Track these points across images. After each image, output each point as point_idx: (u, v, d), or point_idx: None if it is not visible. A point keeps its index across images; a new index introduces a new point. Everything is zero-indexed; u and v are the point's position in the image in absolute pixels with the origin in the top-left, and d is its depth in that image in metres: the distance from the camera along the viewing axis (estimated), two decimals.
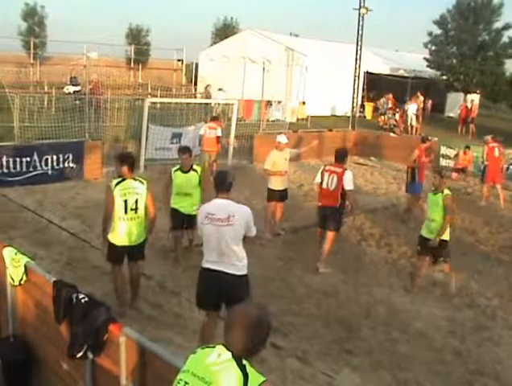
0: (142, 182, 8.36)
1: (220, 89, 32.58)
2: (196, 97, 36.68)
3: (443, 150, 22.91)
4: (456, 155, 21.58)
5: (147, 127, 18.51)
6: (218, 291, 6.73)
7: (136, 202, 8.18)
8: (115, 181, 8.22)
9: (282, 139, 12.58)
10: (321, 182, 11.00)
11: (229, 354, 3.36)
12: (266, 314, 3.56)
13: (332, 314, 9.10)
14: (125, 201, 8.11)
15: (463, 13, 39.54)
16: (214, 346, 3.46)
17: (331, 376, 7.18)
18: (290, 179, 15.35)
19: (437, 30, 40.66)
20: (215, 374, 3.30)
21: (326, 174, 10.87)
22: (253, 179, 16.58)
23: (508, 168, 20.80)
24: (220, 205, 6.70)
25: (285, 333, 8.12)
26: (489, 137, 18.49)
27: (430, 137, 15.31)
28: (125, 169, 8.25)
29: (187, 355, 3.57)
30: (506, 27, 39.03)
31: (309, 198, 16.65)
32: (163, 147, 19.27)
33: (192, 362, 3.49)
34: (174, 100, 30.39)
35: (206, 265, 6.87)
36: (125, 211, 8.12)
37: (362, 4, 29.61)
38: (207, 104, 26.27)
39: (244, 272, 6.78)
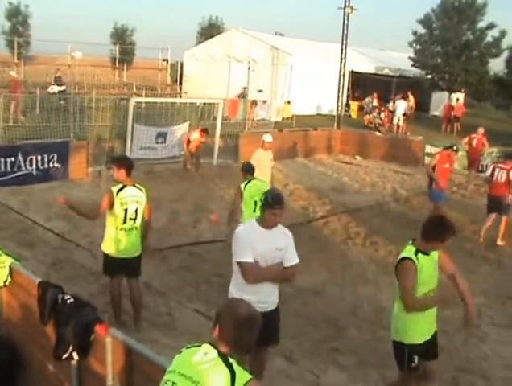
0: (141, 190, 7.84)
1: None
2: (180, 97, 36.62)
3: (428, 149, 23.01)
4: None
5: (132, 127, 18.45)
6: None
7: (136, 211, 7.71)
8: (116, 188, 7.68)
9: (266, 138, 12.63)
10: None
11: (216, 352, 3.36)
12: (254, 313, 3.56)
13: (318, 312, 9.11)
14: (126, 210, 7.64)
15: (447, 12, 39.73)
16: (200, 345, 3.46)
17: (317, 375, 7.20)
18: (275, 179, 15.38)
19: (422, 30, 40.87)
20: (202, 373, 3.30)
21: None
22: (239, 179, 16.54)
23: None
24: None
25: None
26: (481, 129, 20.38)
27: (455, 147, 14.69)
28: (123, 174, 7.75)
29: (174, 355, 3.56)
30: (490, 27, 39.28)
31: (294, 197, 16.69)
32: (149, 147, 19.21)
33: (178, 361, 3.48)
34: (159, 100, 30.35)
35: None
36: (125, 221, 7.67)
37: (347, 3, 29.68)
38: (192, 103, 26.22)
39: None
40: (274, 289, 6.08)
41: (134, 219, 7.74)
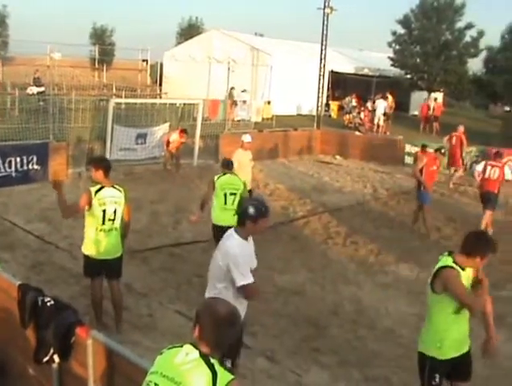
0: (120, 190, 7.75)
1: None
2: (160, 97, 36.52)
3: (408, 148, 23.15)
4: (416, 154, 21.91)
5: (112, 128, 18.38)
6: None
7: (114, 212, 7.64)
8: (94, 188, 7.62)
9: (245, 138, 12.70)
10: None
11: (197, 353, 3.36)
12: (234, 311, 3.56)
13: (299, 312, 9.14)
14: (104, 211, 7.57)
15: (426, 12, 39.94)
16: (181, 346, 3.46)
17: (299, 375, 7.22)
18: (256, 179, 15.43)
19: (401, 30, 41.02)
20: (184, 373, 3.30)
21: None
22: None
23: (471, 165, 21.14)
24: (226, 234, 5.77)
25: (253, 332, 8.12)
26: (461, 128, 20.59)
27: (443, 150, 14.77)
28: (100, 174, 7.68)
29: (155, 357, 3.55)
30: (469, 27, 39.53)
31: (275, 197, 16.72)
32: (128, 148, 19.15)
33: (160, 363, 3.48)
34: (139, 101, 30.24)
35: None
36: (103, 222, 7.59)
37: (327, 4, 29.75)
38: (172, 104, 26.16)
39: None
40: None
41: (113, 220, 7.68)
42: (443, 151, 14.53)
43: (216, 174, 10.33)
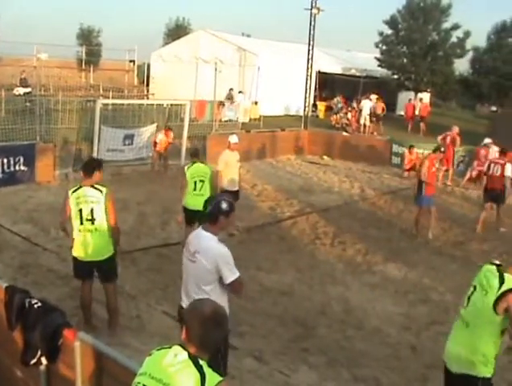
0: (100, 190, 7.61)
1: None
2: (148, 98, 36.46)
3: (395, 148, 23.23)
4: (403, 155, 21.98)
5: (99, 129, 18.32)
6: None
7: (92, 212, 7.53)
8: (72, 189, 7.69)
9: (232, 139, 12.66)
10: None
11: (186, 354, 3.36)
12: (220, 311, 3.56)
13: (287, 312, 9.14)
14: (80, 211, 7.53)
15: (413, 13, 40.13)
16: (170, 347, 3.46)
17: (288, 375, 7.22)
18: (243, 179, 15.43)
19: (388, 30, 41.21)
20: (172, 375, 3.30)
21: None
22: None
23: (458, 165, 21.22)
24: (197, 236, 5.73)
25: (241, 333, 8.12)
26: (456, 128, 20.81)
27: (442, 148, 14.71)
28: (82, 174, 7.82)
29: (143, 358, 3.55)
30: (455, 27, 39.76)
31: (262, 197, 16.74)
32: (116, 149, 19.09)
33: (148, 364, 3.48)
34: (126, 102, 30.16)
35: (180, 302, 5.97)
36: (81, 222, 7.56)
37: (314, 4, 29.77)
38: (159, 104, 26.12)
39: None
40: None
41: (91, 221, 7.59)
42: (442, 149, 14.53)
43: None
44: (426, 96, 40.09)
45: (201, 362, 3.34)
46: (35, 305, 5.11)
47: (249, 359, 7.49)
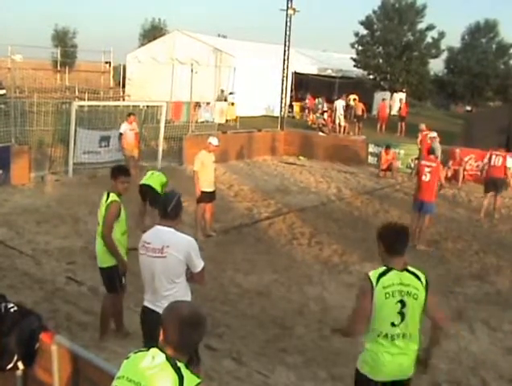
0: (108, 196, 7.68)
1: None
2: (124, 100, 36.30)
3: (371, 148, 23.38)
4: (379, 155, 22.11)
5: (75, 131, 18.22)
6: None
7: (99, 215, 7.68)
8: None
9: (213, 141, 12.57)
10: None
11: (163, 356, 3.35)
12: (198, 312, 3.54)
13: (265, 313, 9.16)
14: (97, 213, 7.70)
15: (388, 14, 40.47)
16: (148, 350, 3.45)
17: (266, 375, 7.23)
18: (220, 180, 15.42)
19: (363, 31, 41.53)
20: (150, 378, 3.29)
21: None
22: (183, 181, 16.48)
23: None
24: (158, 233, 5.69)
25: (219, 334, 8.14)
26: (423, 125, 21.89)
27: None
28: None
29: (121, 361, 3.54)
30: (430, 28, 40.22)
31: (239, 198, 16.74)
32: (92, 151, 19.02)
33: (126, 367, 3.46)
34: (102, 103, 29.98)
35: (144, 303, 5.93)
36: (98, 223, 7.65)
37: (289, 5, 29.81)
38: (135, 106, 26.03)
39: None
40: None
41: (99, 224, 7.66)
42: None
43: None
44: (403, 96, 40.42)
45: (179, 364, 3.33)
46: (12, 310, 5.08)
47: (228, 361, 7.50)
